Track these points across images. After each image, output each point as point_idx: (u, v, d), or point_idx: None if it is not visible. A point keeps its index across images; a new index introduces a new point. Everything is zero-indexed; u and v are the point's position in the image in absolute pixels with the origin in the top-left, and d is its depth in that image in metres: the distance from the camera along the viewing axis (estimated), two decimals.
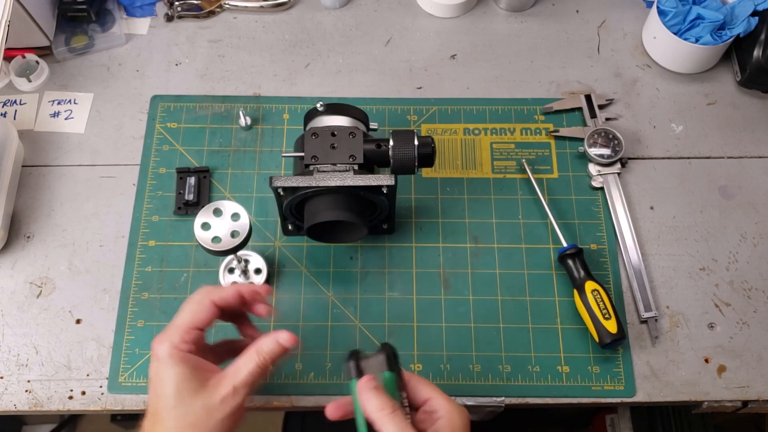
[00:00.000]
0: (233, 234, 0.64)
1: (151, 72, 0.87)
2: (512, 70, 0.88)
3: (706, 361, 0.72)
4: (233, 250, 0.64)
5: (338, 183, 0.64)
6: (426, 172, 0.81)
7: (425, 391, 0.55)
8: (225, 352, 0.62)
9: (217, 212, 0.64)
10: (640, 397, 0.70)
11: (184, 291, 0.74)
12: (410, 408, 0.56)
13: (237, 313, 0.62)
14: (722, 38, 0.83)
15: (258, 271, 0.74)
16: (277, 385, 0.70)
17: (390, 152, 0.67)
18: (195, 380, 0.53)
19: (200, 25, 0.91)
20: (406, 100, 0.85)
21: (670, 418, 1.02)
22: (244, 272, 0.73)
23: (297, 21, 0.91)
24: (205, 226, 0.64)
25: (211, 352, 0.60)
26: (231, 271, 0.74)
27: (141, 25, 0.90)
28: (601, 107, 0.84)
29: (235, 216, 0.64)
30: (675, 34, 0.83)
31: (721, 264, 0.76)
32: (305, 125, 0.72)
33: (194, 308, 0.56)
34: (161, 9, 0.92)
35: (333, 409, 0.57)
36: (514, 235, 0.77)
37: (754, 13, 0.82)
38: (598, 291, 0.70)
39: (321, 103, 0.70)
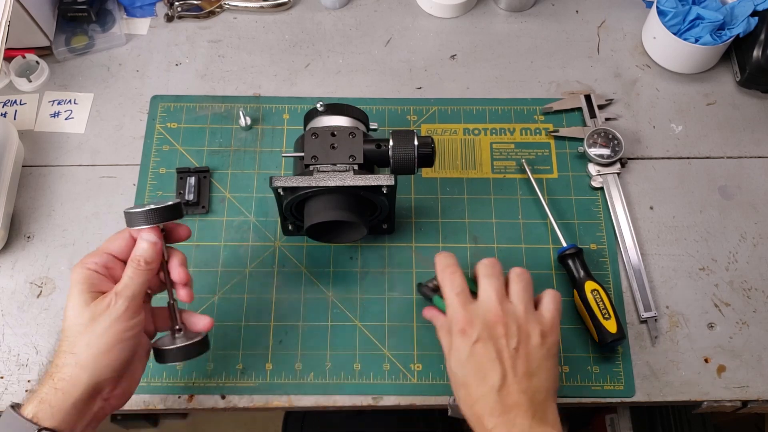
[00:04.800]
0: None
1: (151, 72, 0.87)
2: (512, 70, 0.88)
3: (706, 361, 0.72)
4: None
5: (338, 183, 0.64)
6: (426, 172, 0.81)
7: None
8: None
9: None
10: (639, 396, 0.70)
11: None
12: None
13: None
14: (722, 38, 0.83)
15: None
16: (277, 385, 0.70)
17: (390, 152, 0.67)
18: (89, 294, 0.56)
19: (200, 26, 0.91)
20: (406, 100, 0.85)
21: (670, 418, 1.02)
22: None
23: (297, 21, 0.91)
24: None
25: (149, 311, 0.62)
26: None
27: (141, 26, 0.90)
28: (600, 107, 0.84)
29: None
30: (675, 34, 0.83)
31: (721, 264, 0.76)
32: (305, 125, 0.72)
33: (112, 237, 0.60)
34: (161, 9, 0.92)
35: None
36: (513, 235, 0.77)
37: (754, 13, 0.82)
38: (597, 291, 0.70)
39: (321, 103, 0.70)
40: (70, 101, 0.85)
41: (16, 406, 0.55)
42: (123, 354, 0.56)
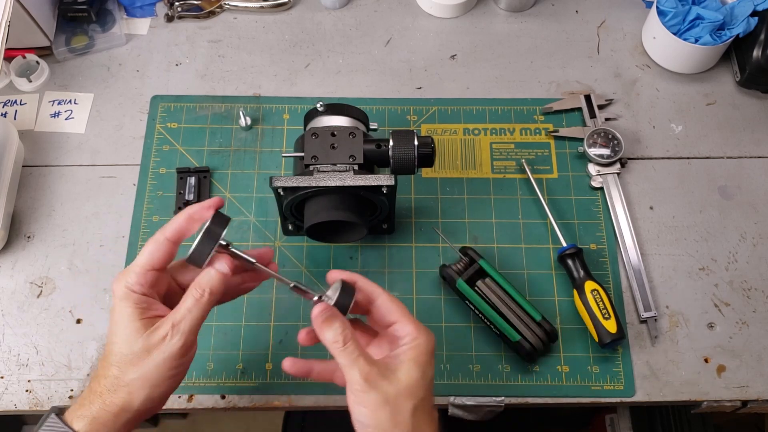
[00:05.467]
0: None
1: (151, 72, 0.87)
2: (512, 70, 0.88)
3: (706, 360, 0.72)
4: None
5: (338, 183, 0.64)
6: (426, 172, 0.81)
7: (392, 314, 0.56)
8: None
9: None
10: (639, 396, 0.70)
11: None
12: (376, 330, 0.57)
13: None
14: (722, 38, 0.83)
15: None
16: (277, 385, 0.70)
17: (390, 152, 0.67)
18: (140, 321, 0.53)
19: (200, 26, 0.91)
20: (406, 100, 0.85)
21: (670, 418, 1.02)
22: None
23: (297, 21, 0.91)
24: None
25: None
26: None
27: (141, 26, 0.90)
28: (600, 107, 0.84)
29: None
30: (674, 34, 0.83)
31: (721, 264, 0.76)
32: (305, 125, 0.72)
33: (151, 248, 0.56)
34: (161, 9, 0.92)
35: (303, 336, 0.58)
36: (513, 235, 0.77)
37: (754, 13, 0.82)
38: (597, 291, 0.70)
39: (321, 103, 0.70)
40: (70, 101, 0.85)
41: (60, 413, 0.54)
42: (174, 385, 0.56)
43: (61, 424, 0.53)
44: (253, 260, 0.58)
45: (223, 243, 0.56)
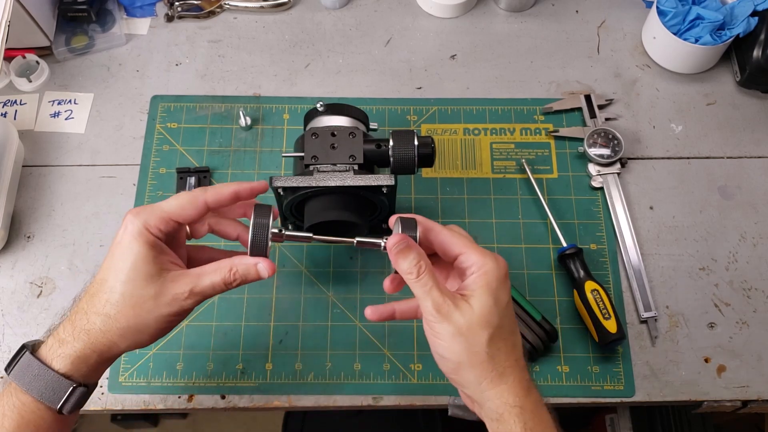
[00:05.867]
0: None
1: (151, 72, 0.87)
2: (512, 70, 0.88)
3: (706, 360, 0.72)
4: None
5: (338, 183, 0.64)
6: (426, 172, 0.81)
7: (455, 246, 0.54)
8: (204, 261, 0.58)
9: None
10: (639, 396, 0.70)
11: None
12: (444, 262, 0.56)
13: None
14: (722, 38, 0.83)
15: None
16: (277, 385, 0.70)
17: (390, 152, 0.67)
18: (154, 265, 0.51)
19: (200, 26, 0.91)
20: (406, 100, 0.85)
21: (670, 418, 1.02)
22: None
23: (297, 21, 0.91)
24: None
25: (181, 250, 0.58)
26: None
27: (141, 26, 0.90)
28: (600, 107, 0.84)
29: None
30: (675, 34, 0.83)
31: (721, 264, 0.76)
32: (305, 125, 0.72)
33: (183, 201, 0.54)
34: (161, 9, 0.92)
35: (388, 284, 0.57)
36: (514, 235, 0.77)
37: (754, 13, 0.82)
38: (597, 291, 0.70)
39: (321, 103, 0.70)
40: (70, 101, 0.85)
41: (35, 350, 0.52)
42: (163, 335, 0.54)
43: (39, 364, 0.50)
44: (310, 234, 0.57)
45: (276, 231, 0.56)
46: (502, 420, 0.51)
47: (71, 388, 0.51)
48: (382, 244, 0.56)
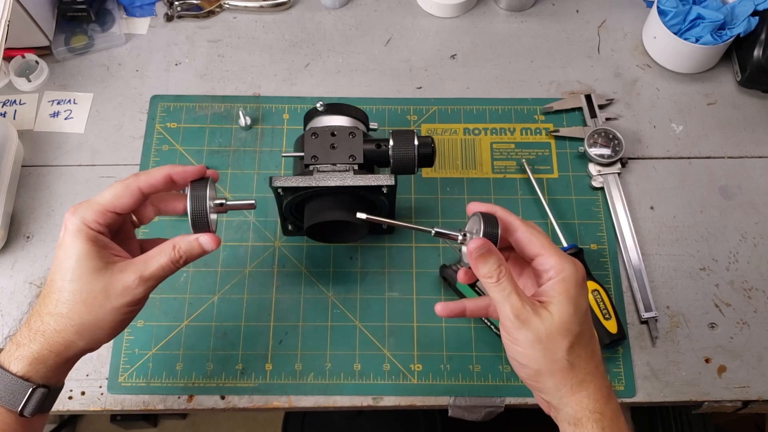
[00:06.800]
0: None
1: (151, 72, 0.87)
2: (512, 70, 0.88)
3: (707, 361, 0.72)
4: None
5: (338, 183, 0.64)
6: (426, 172, 0.81)
7: (533, 246, 0.53)
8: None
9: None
10: (640, 397, 0.70)
11: (184, 291, 0.74)
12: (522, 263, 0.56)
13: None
14: (722, 38, 0.83)
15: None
16: (277, 385, 0.70)
17: (390, 152, 0.67)
18: (99, 260, 0.52)
19: (200, 25, 0.91)
20: (406, 100, 0.85)
21: (670, 418, 1.02)
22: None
23: (297, 21, 0.91)
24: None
25: (131, 243, 0.58)
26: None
27: (141, 25, 0.90)
28: (601, 107, 0.84)
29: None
30: (675, 34, 0.83)
31: (721, 264, 0.76)
32: (305, 125, 0.72)
33: (117, 190, 0.54)
34: (161, 9, 0.91)
35: (462, 275, 0.57)
36: None
37: (754, 13, 0.82)
38: (598, 291, 0.70)
39: (321, 103, 0.70)
40: (69, 101, 0.85)
41: None
42: (121, 328, 0.54)
43: (3, 371, 0.51)
44: (252, 202, 0.58)
45: (218, 203, 0.56)
46: (579, 425, 0.50)
47: (30, 389, 0.51)
48: (459, 238, 0.55)
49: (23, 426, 0.52)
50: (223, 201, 0.57)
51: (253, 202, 0.58)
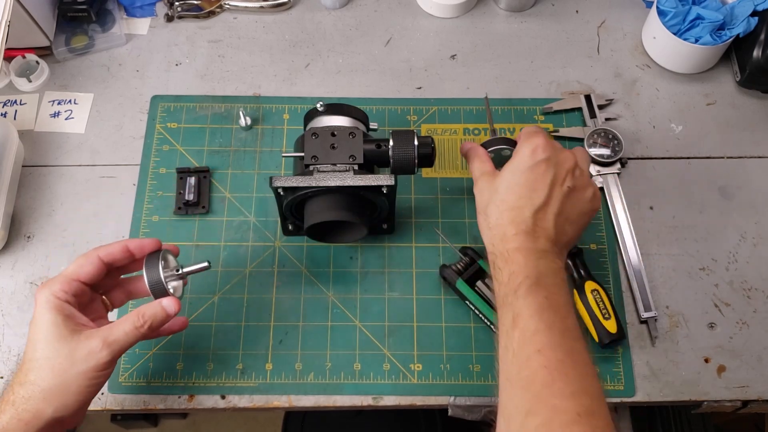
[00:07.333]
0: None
1: (151, 72, 0.87)
2: (512, 70, 0.88)
3: (706, 361, 0.72)
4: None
5: (338, 183, 0.64)
6: (426, 172, 0.81)
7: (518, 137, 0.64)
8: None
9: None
10: (639, 396, 0.70)
11: (185, 291, 0.74)
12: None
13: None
14: (722, 38, 0.83)
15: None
16: (277, 385, 0.70)
17: (390, 152, 0.67)
18: (65, 328, 0.55)
19: (200, 26, 0.91)
20: (406, 100, 0.85)
21: (670, 418, 1.02)
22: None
23: (297, 21, 0.91)
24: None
25: (103, 323, 0.61)
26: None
27: (141, 26, 0.90)
28: (600, 107, 0.84)
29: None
30: (675, 34, 0.83)
31: (721, 264, 0.76)
32: (305, 125, 0.72)
33: (80, 261, 0.59)
34: (161, 9, 0.92)
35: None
36: None
37: (754, 13, 0.82)
38: (597, 291, 0.70)
39: (321, 103, 0.70)
40: (70, 101, 0.85)
41: None
42: (92, 394, 0.56)
43: None
44: (206, 264, 0.62)
45: (173, 272, 0.61)
46: (494, 265, 0.60)
47: None
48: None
49: None
50: (179, 267, 0.62)
51: (206, 264, 0.62)
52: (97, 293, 0.62)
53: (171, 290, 0.60)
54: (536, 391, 0.50)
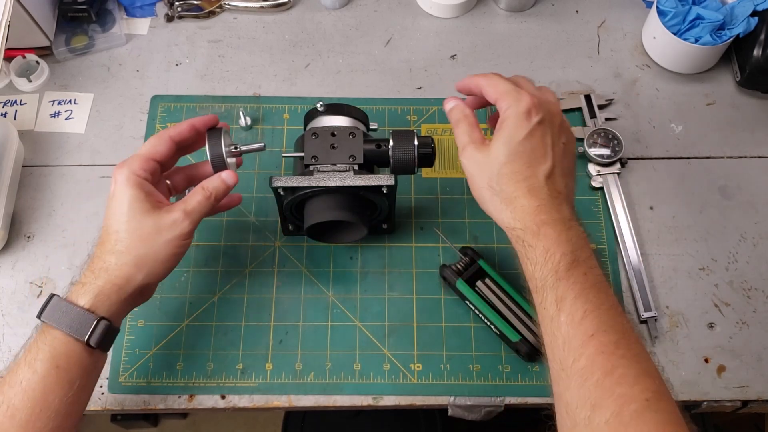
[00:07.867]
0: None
1: (151, 72, 0.87)
2: (512, 70, 0.88)
3: (706, 361, 0.72)
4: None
5: (338, 183, 0.64)
6: (426, 172, 0.81)
7: (491, 95, 0.60)
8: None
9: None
10: None
11: (184, 291, 0.74)
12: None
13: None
14: (722, 38, 0.83)
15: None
16: (277, 385, 0.70)
17: (390, 152, 0.67)
18: (148, 203, 0.59)
19: (200, 26, 0.91)
20: (406, 100, 0.85)
21: None
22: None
23: (297, 21, 0.91)
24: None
25: (165, 196, 0.65)
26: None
27: (141, 26, 0.90)
28: (600, 107, 0.84)
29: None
30: (675, 34, 0.83)
31: (721, 264, 0.76)
32: (305, 125, 0.72)
33: (154, 141, 0.63)
34: (161, 9, 0.92)
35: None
36: None
37: (754, 13, 0.82)
38: None
39: (321, 103, 0.70)
40: (70, 101, 0.85)
41: (61, 297, 0.58)
42: (175, 262, 0.61)
43: (65, 303, 0.57)
44: (262, 144, 0.67)
45: (232, 149, 0.65)
46: (511, 233, 0.57)
47: (95, 321, 0.56)
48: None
49: (89, 356, 0.58)
50: (237, 145, 0.66)
51: (262, 144, 0.67)
52: (162, 177, 0.66)
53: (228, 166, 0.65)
54: (597, 380, 0.48)
